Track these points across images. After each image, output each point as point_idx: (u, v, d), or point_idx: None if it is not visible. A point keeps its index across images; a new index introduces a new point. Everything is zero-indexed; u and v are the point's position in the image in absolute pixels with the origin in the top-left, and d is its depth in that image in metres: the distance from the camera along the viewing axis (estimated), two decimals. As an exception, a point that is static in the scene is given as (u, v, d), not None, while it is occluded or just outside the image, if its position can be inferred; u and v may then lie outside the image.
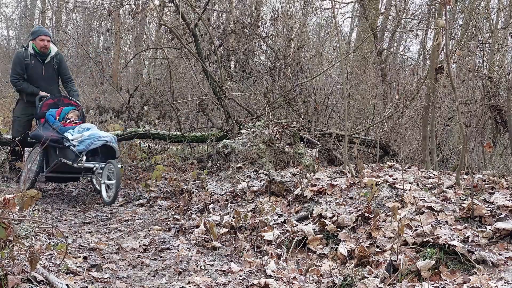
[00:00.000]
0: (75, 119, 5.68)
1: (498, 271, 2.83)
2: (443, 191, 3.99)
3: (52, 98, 5.82)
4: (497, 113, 6.34)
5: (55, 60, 5.94)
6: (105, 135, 5.28)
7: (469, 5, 7.62)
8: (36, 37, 5.79)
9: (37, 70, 5.84)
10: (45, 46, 5.75)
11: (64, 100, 5.91)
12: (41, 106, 5.72)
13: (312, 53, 9.19)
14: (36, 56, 5.81)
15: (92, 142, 5.09)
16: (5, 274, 2.54)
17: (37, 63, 5.84)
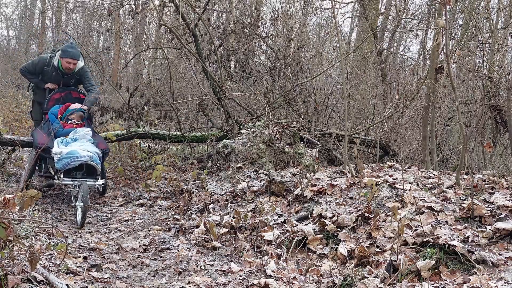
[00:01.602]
0: (77, 120, 5.44)
1: (498, 271, 2.83)
2: (443, 191, 3.99)
3: (60, 91, 5.64)
4: (497, 113, 6.34)
5: (76, 76, 5.77)
6: (85, 154, 4.78)
7: (469, 5, 7.62)
8: (64, 58, 5.59)
9: (53, 79, 5.70)
10: (70, 69, 5.61)
11: (73, 93, 5.70)
12: (49, 100, 5.57)
13: (312, 53, 9.18)
14: (57, 69, 5.66)
15: (69, 163, 4.70)
16: (5, 274, 2.54)
17: (56, 75, 5.68)
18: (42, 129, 5.41)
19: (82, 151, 4.81)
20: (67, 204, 5.33)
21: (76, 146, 4.92)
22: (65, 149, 4.81)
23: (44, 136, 5.12)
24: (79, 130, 5.24)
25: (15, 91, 17.10)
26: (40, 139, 5.05)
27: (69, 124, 5.38)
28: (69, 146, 4.92)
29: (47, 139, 5.04)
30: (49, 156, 4.97)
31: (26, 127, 10.77)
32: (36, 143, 4.99)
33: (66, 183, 4.84)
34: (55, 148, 4.89)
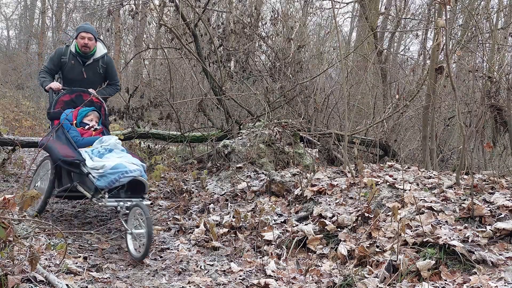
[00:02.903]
0: (94, 124, 4.60)
1: (498, 271, 2.83)
2: (443, 191, 3.99)
3: (69, 92, 4.76)
4: (497, 113, 6.34)
5: (101, 63, 5.01)
6: (134, 169, 3.93)
7: (469, 5, 7.62)
8: (77, 35, 4.93)
9: (75, 72, 4.94)
10: (86, 45, 4.85)
11: (84, 95, 4.79)
12: (56, 103, 4.68)
13: (312, 53, 9.19)
14: (77, 56, 4.91)
15: (117, 179, 3.82)
16: (5, 274, 2.54)
17: (76, 64, 4.93)
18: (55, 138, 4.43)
19: (128, 164, 3.98)
20: (67, 204, 5.33)
21: (115, 158, 4.09)
22: (108, 162, 3.95)
23: (65, 146, 4.25)
24: (107, 139, 4.37)
25: (15, 91, 17.11)
26: (62, 150, 4.14)
27: (87, 130, 4.56)
28: (106, 158, 4.10)
29: (71, 150, 4.19)
30: (78, 171, 4.08)
31: (26, 127, 10.78)
32: (57, 155, 4.06)
33: (112, 204, 3.87)
34: (88, 161, 4.05)
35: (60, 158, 4.05)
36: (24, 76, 18.76)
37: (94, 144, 4.33)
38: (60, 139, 4.39)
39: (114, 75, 5.19)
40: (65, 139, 4.38)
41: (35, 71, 18.33)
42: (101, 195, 3.85)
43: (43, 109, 13.91)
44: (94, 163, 4.01)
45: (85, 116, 4.62)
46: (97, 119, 4.68)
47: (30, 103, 14.60)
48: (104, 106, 4.90)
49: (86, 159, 4.07)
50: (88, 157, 4.11)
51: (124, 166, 3.90)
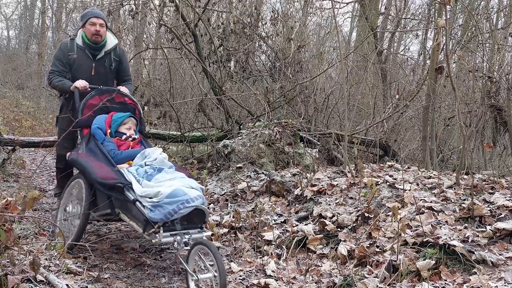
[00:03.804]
0: (132, 133, 3.85)
1: (498, 271, 2.83)
2: (443, 191, 3.99)
3: (98, 93, 3.95)
4: (497, 113, 6.34)
5: (113, 56, 4.30)
6: (195, 195, 3.13)
7: (469, 5, 7.62)
8: (86, 22, 4.14)
9: (84, 68, 4.19)
10: (98, 33, 4.11)
11: (116, 97, 4.01)
12: (83, 107, 3.86)
13: (312, 53, 9.18)
14: (85, 49, 4.19)
15: (176, 211, 3.01)
16: (5, 274, 2.54)
17: (85, 59, 4.20)
18: (86, 152, 3.69)
19: (188, 189, 3.17)
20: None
21: (169, 181, 3.28)
22: (163, 188, 3.11)
23: (102, 164, 3.49)
24: (151, 153, 3.58)
25: (15, 91, 17.11)
26: (100, 170, 3.37)
27: (124, 141, 3.78)
28: (156, 180, 3.28)
29: (110, 169, 3.42)
30: (121, 197, 3.25)
31: (26, 127, 10.78)
32: (94, 176, 3.30)
33: (168, 240, 3.06)
34: (136, 185, 3.23)
35: (98, 181, 3.25)
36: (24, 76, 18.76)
37: (135, 159, 3.54)
38: (94, 154, 3.60)
39: (127, 70, 4.50)
40: (100, 154, 3.59)
41: (35, 71, 18.36)
42: (155, 230, 3.04)
43: (43, 109, 13.91)
44: (145, 189, 3.17)
45: (122, 124, 3.82)
46: (135, 126, 3.90)
47: (30, 103, 14.60)
48: (139, 109, 4.10)
49: (132, 182, 3.25)
50: (134, 180, 3.28)
51: (184, 193, 3.08)
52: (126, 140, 3.78)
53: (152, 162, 3.48)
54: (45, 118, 12.30)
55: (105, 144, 3.67)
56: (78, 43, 4.22)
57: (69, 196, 3.75)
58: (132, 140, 3.80)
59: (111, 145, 3.66)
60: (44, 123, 11.62)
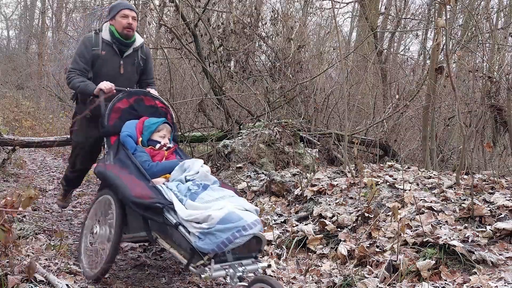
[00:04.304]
0: (167, 142, 3.37)
1: (498, 271, 2.83)
2: (443, 191, 3.99)
3: (126, 96, 3.48)
4: (497, 113, 6.34)
5: (140, 54, 3.85)
6: (252, 220, 2.57)
7: (469, 5, 7.62)
8: (116, 14, 3.68)
9: (110, 66, 3.71)
10: (130, 26, 3.66)
11: (145, 100, 3.57)
12: (110, 112, 3.39)
13: (312, 53, 9.18)
14: (113, 45, 3.70)
15: (232, 240, 2.48)
16: (5, 274, 2.54)
17: (112, 56, 3.71)
18: (115, 164, 3.17)
19: (242, 212, 2.62)
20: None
21: (217, 201, 2.76)
22: (214, 212, 2.56)
23: (136, 179, 2.96)
24: (191, 165, 3.07)
25: (15, 91, 17.12)
26: (134, 186, 2.83)
27: (158, 151, 3.30)
28: (201, 200, 2.76)
29: (146, 186, 2.88)
30: (159, 220, 2.70)
31: (26, 127, 10.78)
32: (127, 193, 2.77)
33: (219, 274, 2.53)
34: (179, 207, 2.67)
35: (132, 200, 2.73)
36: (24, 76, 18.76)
37: (173, 172, 3.06)
38: (125, 167, 3.09)
39: (152, 72, 4.05)
40: (132, 166, 3.08)
41: (35, 71, 18.36)
42: (204, 262, 2.50)
43: (43, 109, 13.91)
44: (190, 211, 2.62)
45: (155, 131, 3.35)
46: (169, 134, 3.43)
47: (30, 103, 14.60)
48: (171, 113, 3.65)
49: (173, 201, 2.71)
50: (176, 199, 2.74)
51: (239, 217, 2.55)
52: (161, 149, 3.30)
53: (194, 177, 2.96)
54: (45, 118, 12.30)
55: (137, 154, 3.17)
56: (105, 38, 3.70)
57: (95, 216, 3.20)
58: (166, 150, 3.32)
59: (144, 155, 3.17)
60: (44, 123, 11.62)
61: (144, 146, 3.29)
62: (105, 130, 3.37)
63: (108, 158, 3.25)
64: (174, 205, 2.69)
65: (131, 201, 2.74)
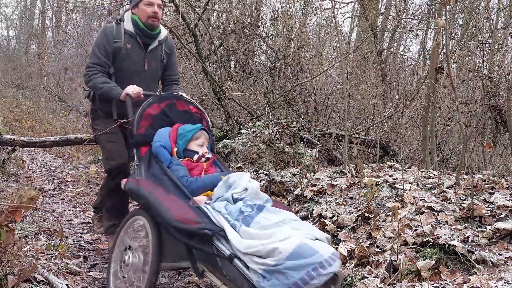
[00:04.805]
0: (206, 151, 2.95)
1: (498, 271, 2.83)
2: (443, 191, 3.99)
3: (157, 101, 3.07)
4: (497, 113, 6.34)
5: (164, 48, 3.45)
6: (329, 254, 2.10)
7: (469, 5, 7.62)
8: (140, 1, 3.27)
9: (134, 61, 3.31)
10: (156, 16, 3.26)
11: (178, 104, 3.16)
12: (140, 119, 2.96)
13: (312, 53, 9.19)
14: (137, 37, 3.29)
15: (307, 281, 1.99)
16: (5, 274, 2.54)
17: (136, 49, 3.31)
18: (148, 179, 2.72)
19: (312, 242, 2.15)
20: (67, 204, 5.33)
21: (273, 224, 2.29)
22: (281, 244, 2.06)
23: (175, 198, 2.53)
24: (237, 180, 2.63)
25: (15, 91, 17.12)
26: (175, 208, 2.38)
27: (197, 162, 2.87)
28: (256, 224, 2.29)
29: (188, 207, 2.42)
30: (208, 250, 2.23)
31: (26, 127, 10.78)
32: (167, 216, 2.31)
33: None
34: (233, 235, 2.21)
35: (174, 225, 2.26)
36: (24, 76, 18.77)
37: (216, 189, 2.62)
38: (160, 183, 2.65)
39: (176, 66, 3.63)
40: (168, 182, 2.64)
41: (35, 71, 18.37)
42: None
43: (43, 109, 13.91)
44: (249, 242, 2.13)
45: (192, 139, 2.93)
46: (207, 142, 3.02)
47: (30, 103, 14.61)
48: (207, 119, 3.23)
49: (224, 227, 2.25)
50: (227, 224, 2.27)
51: (313, 251, 2.06)
52: (199, 160, 2.86)
53: (242, 194, 2.52)
54: (45, 118, 12.31)
55: (173, 168, 2.73)
56: (127, 28, 3.27)
57: (124, 242, 2.74)
58: (205, 161, 2.88)
59: (181, 169, 2.73)
60: (44, 123, 11.62)
61: (180, 157, 2.86)
62: (135, 140, 2.93)
63: (139, 172, 2.82)
64: (226, 232, 2.22)
65: (172, 226, 2.26)
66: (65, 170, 7.26)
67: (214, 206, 2.43)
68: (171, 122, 3.07)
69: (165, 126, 3.02)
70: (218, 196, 2.57)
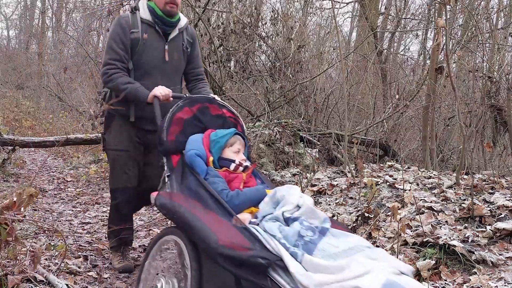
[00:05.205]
0: (243, 159, 2.59)
1: (498, 271, 2.83)
2: (443, 191, 3.99)
3: (188, 104, 2.75)
4: (497, 113, 6.34)
5: (186, 36, 3.12)
6: None
7: (469, 5, 7.62)
8: None
9: (154, 52, 2.98)
10: (174, 1, 2.94)
11: (211, 108, 2.85)
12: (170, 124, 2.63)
13: (312, 53, 9.19)
14: (155, 25, 2.98)
15: None
16: (5, 274, 2.54)
17: (155, 39, 2.98)
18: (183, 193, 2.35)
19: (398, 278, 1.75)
20: (67, 204, 5.33)
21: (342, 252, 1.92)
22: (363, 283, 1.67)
23: (218, 217, 2.15)
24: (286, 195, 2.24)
25: (15, 91, 17.13)
26: (221, 231, 1.97)
27: (236, 173, 2.52)
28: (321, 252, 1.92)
29: (233, 228, 2.05)
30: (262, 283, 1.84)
31: (26, 127, 10.79)
32: (212, 240, 1.91)
33: None
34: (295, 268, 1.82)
35: (221, 252, 1.85)
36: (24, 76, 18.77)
37: (262, 205, 2.27)
38: (198, 198, 2.27)
39: (200, 58, 3.29)
40: (207, 197, 2.26)
41: (35, 71, 18.37)
42: None
43: (43, 109, 13.92)
44: (319, 278, 1.73)
45: (226, 146, 2.59)
46: (244, 148, 2.67)
47: (30, 103, 14.62)
48: (242, 124, 2.93)
49: (282, 256, 1.86)
50: (284, 251, 1.88)
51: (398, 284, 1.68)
52: (236, 170, 2.51)
53: (294, 213, 2.13)
54: (45, 118, 12.31)
55: (211, 180, 2.37)
56: (144, 17, 2.97)
57: (155, 267, 2.40)
58: (243, 170, 2.54)
59: (220, 182, 2.37)
60: (44, 123, 11.62)
61: (216, 167, 2.52)
62: (164, 148, 2.59)
63: (171, 184, 2.44)
64: (284, 262, 1.82)
65: (218, 252, 1.85)
66: (65, 170, 7.26)
67: (265, 227, 2.03)
68: (204, 128, 2.74)
69: (197, 132, 2.71)
70: (264, 214, 2.18)
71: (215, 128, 2.75)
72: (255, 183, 2.57)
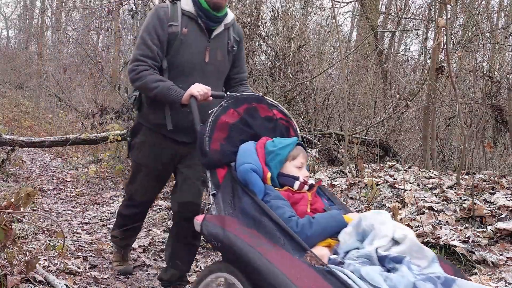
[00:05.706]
0: (307, 176, 2.13)
1: (499, 271, 2.83)
2: (444, 191, 3.98)
3: (233, 104, 2.27)
4: (497, 113, 6.33)
5: (233, 34, 2.69)
6: None
7: (469, 4, 7.61)
8: None
9: (194, 50, 2.55)
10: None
11: (260, 109, 2.34)
12: (213, 130, 2.17)
13: (312, 53, 9.17)
14: (198, 19, 2.55)
15: None
16: (4, 274, 2.53)
17: (196, 35, 2.56)
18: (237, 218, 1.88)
19: None
20: (67, 204, 5.32)
21: None
22: None
23: (295, 261, 1.63)
24: (375, 224, 1.74)
25: (15, 91, 17.13)
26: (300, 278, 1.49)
27: (301, 193, 2.06)
28: None
29: (313, 272, 1.54)
30: None
31: (26, 127, 10.78)
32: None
33: None
34: None
35: None
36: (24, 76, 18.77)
37: (344, 236, 1.80)
38: (258, 225, 1.82)
39: (245, 61, 2.86)
40: (271, 225, 1.80)
41: (35, 71, 18.37)
42: None
43: (43, 109, 13.91)
44: None
45: (287, 160, 2.12)
46: (307, 162, 2.21)
47: (29, 103, 14.62)
48: (295, 127, 2.46)
49: None
50: None
51: None
52: (301, 190, 2.06)
53: (391, 249, 1.64)
54: (44, 118, 12.31)
55: (274, 204, 1.91)
56: (186, 9, 2.54)
57: None
58: (309, 189, 2.10)
59: (286, 206, 1.91)
60: (43, 123, 11.62)
61: (275, 186, 2.05)
62: (208, 160, 2.12)
63: (218, 205, 1.98)
64: None
65: None
66: (65, 170, 7.25)
67: (360, 272, 1.52)
68: (254, 134, 2.25)
69: (245, 139, 2.22)
70: (348, 249, 1.70)
71: (265, 134, 2.27)
72: (322, 204, 2.09)
